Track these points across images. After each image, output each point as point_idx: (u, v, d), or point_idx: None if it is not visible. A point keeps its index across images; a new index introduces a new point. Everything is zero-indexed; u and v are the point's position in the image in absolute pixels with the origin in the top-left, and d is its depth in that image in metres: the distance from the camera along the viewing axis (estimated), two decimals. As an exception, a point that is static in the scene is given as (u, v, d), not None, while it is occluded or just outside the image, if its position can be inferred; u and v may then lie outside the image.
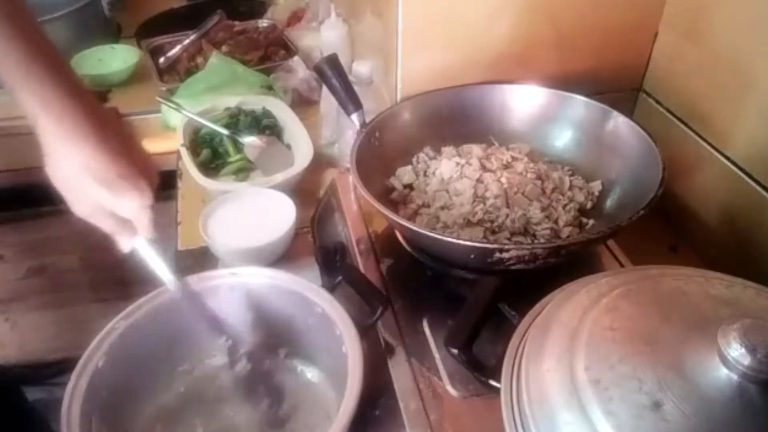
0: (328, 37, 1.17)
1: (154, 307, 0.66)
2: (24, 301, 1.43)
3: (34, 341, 1.47)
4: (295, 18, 1.41)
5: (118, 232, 0.61)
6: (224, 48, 1.29)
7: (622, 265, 0.74)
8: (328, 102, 1.02)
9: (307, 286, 0.67)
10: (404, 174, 0.84)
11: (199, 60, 1.28)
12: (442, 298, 0.73)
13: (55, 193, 0.59)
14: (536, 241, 0.74)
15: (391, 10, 0.86)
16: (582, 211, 0.79)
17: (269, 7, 1.50)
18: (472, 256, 0.67)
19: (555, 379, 0.45)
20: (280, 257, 0.86)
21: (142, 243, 0.63)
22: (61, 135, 0.56)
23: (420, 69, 0.89)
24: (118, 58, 1.35)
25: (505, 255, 0.63)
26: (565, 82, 0.88)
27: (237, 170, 1.02)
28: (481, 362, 0.55)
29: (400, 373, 0.63)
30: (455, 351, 0.55)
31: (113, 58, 1.35)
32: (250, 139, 1.01)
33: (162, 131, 1.18)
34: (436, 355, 0.65)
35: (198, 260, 0.87)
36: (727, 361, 0.40)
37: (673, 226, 0.90)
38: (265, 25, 1.42)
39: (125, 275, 1.16)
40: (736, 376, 0.40)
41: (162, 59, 1.29)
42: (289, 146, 1.04)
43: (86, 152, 0.57)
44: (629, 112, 0.94)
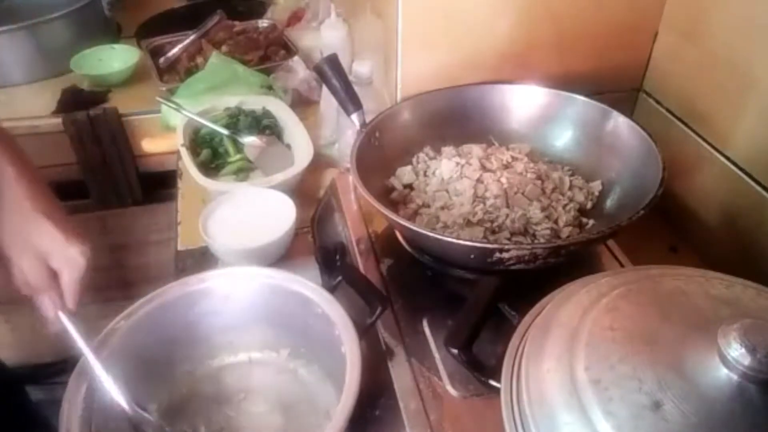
0: (328, 37, 1.17)
1: (155, 308, 0.66)
2: (24, 302, 1.42)
3: (34, 342, 1.47)
4: (295, 18, 1.41)
5: (46, 290, 0.65)
6: (224, 48, 1.29)
7: (622, 265, 0.74)
8: (328, 102, 1.02)
9: (307, 286, 0.67)
10: (404, 174, 0.84)
11: (199, 60, 1.28)
12: (442, 298, 0.73)
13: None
14: (536, 241, 0.74)
15: (391, 10, 0.86)
16: (582, 211, 0.79)
17: (269, 7, 1.50)
18: (472, 256, 0.67)
19: (555, 379, 0.45)
20: (280, 257, 0.86)
21: (67, 321, 0.64)
22: (25, 184, 0.64)
23: (420, 69, 0.89)
24: (118, 58, 1.35)
25: (505, 255, 0.63)
26: (565, 82, 0.88)
27: (237, 170, 1.01)
28: (481, 362, 0.55)
29: (400, 373, 0.63)
30: (455, 351, 0.55)
31: (113, 58, 1.35)
32: (250, 139, 1.01)
33: (162, 131, 1.19)
34: (436, 355, 0.65)
35: (198, 260, 0.88)
36: (727, 361, 0.40)
37: (673, 226, 0.90)
38: (265, 25, 1.42)
39: (125, 275, 1.17)
40: (736, 376, 0.40)
41: (162, 59, 1.29)
42: (289, 146, 1.04)
43: (45, 201, 0.65)
44: (629, 112, 0.94)
